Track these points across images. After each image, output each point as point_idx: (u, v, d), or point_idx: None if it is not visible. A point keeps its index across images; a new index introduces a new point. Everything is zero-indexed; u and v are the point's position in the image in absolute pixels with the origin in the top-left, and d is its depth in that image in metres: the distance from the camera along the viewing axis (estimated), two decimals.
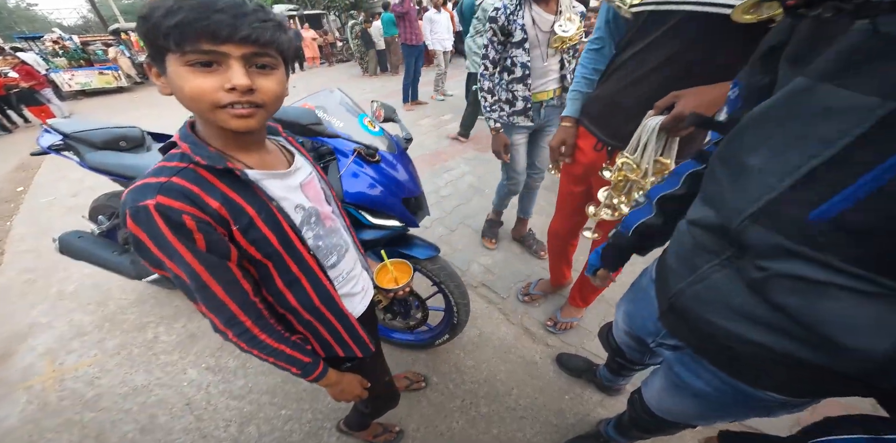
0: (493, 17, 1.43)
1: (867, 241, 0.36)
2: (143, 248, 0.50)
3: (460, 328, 1.42)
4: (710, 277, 0.51)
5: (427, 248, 1.28)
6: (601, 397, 1.37)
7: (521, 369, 1.49)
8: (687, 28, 0.79)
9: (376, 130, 1.22)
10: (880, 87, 0.34)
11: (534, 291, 1.79)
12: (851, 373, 0.41)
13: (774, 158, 0.42)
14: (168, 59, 0.46)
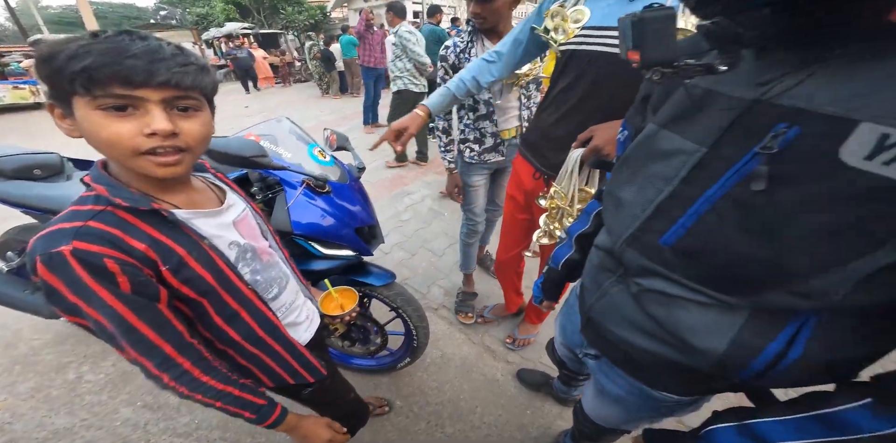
0: (444, 55, 1.41)
1: (697, 261, 0.44)
2: (57, 295, 0.47)
3: (421, 351, 1.44)
4: (610, 293, 0.58)
5: (382, 275, 1.29)
6: (560, 409, 1.43)
7: (484, 386, 1.52)
8: (601, 66, 0.92)
9: (327, 160, 1.24)
10: (696, 135, 0.43)
11: (488, 315, 1.84)
12: (707, 370, 0.48)
13: (638, 193, 0.51)
14: (75, 101, 0.44)
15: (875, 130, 0.30)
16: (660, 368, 0.55)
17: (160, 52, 0.44)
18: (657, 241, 0.47)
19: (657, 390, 0.59)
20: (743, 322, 0.43)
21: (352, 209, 1.21)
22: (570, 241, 0.82)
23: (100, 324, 0.49)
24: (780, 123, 0.36)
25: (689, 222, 0.43)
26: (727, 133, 0.40)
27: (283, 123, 1.28)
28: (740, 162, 0.39)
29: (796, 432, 0.41)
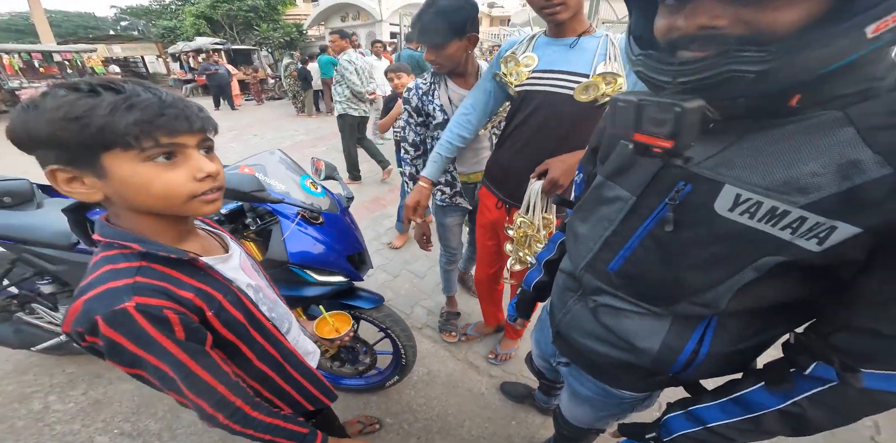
0: (406, 98, 1.41)
1: (633, 282, 0.58)
2: (119, 350, 0.48)
3: (409, 369, 1.50)
4: (573, 309, 0.71)
5: (371, 298, 1.37)
6: (543, 418, 1.52)
7: (470, 401, 1.60)
8: (550, 104, 1.07)
9: (318, 191, 1.32)
10: (630, 186, 0.57)
11: (471, 332, 1.92)
12: (648, 366, 0.61)
13: (590, 230, 0.64)
14: (110, 158, 0.44)
15: (732, 191, 0.44)
16: (616, 369, 0.68)
17: (181, 101, 0.48)
18: (605, 267, 0.60)
19: (617, 388, 0.72)
20: (668, 327, 0.56)
21: (343, 237, 1.29)
22: (539, 266, 0.96)
23: (161, 371, 0.51)
24: (680, 181, 0.49)
25: (626, 253, 0.57)
26: (649, 186, 0.54)
27: (276, 154, 1.35)
28: (657, 209, 0.52)
29: (722, 412, 0.55)
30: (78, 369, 1.73)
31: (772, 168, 0.42)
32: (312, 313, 1.34)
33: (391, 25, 13.62)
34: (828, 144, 0.39)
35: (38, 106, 0.42)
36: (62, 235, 1.33)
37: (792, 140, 0.41)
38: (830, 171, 0.38)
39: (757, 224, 0.43)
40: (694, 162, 0.48)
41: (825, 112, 0.40)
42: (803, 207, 0.39)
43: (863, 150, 0.37)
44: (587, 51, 1.02)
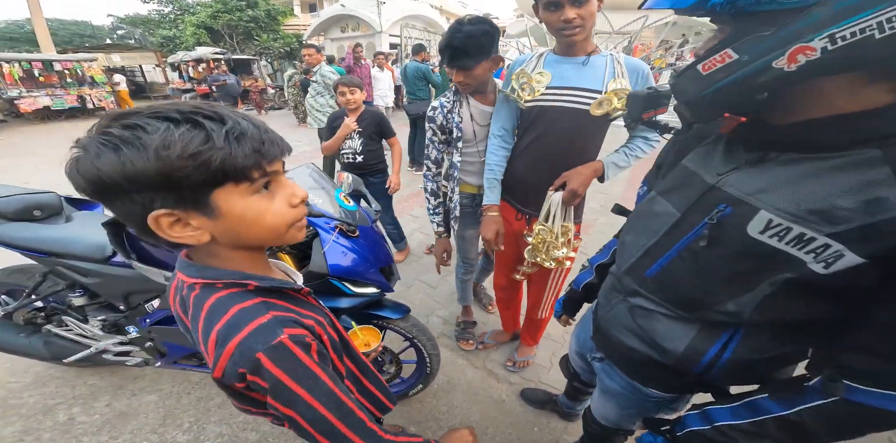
0: (431, 116, 1.43)
1: (666, 288, 0.65)
2: (281, 388, 0.45)
3: (433, 377, 1.55)
4: (616, 307, 0.78)
5: (398, 308, 1.42)
6: (565, 424, 1.56)
7: (492, 408, 1.64)
8: (569, 119, 1.15)
9: (351, 205, 1.38)
10: (677, 203, 0.64)
11: (488, 341, 1.96)
12: (672, 365, 0.67)
13: (636, 238, 0.72)
14: (221, 195, 0.42)
15: (766, 216, 0.50)
16: (644, 365, 0.74)
17: (264, 125, 0.45)
18: (644, 273, 0.68)
19: (645, 385, 0.78)
20: (696, 332, 0.63)
21: (376, 250, 1.34)
22: (591, 269, 1.03)
23: (313, 411, 0.47)
24: (721, 203, 0.55)
25: (664, 262, 0.64)
26: (694, 205, 0.61)
27: (310, 168, 1.41)
28: (698, 226, 0.59)
29: (732, 414, 0.62)
30: (100, 380, 1.75)
31: (805, 199, 0.46)
32: (344, 325, 1.38)
33: (391, 37, 13.84)
34: (861, 181, 0.43)
35: (133, 143, 0.37)
36: (97, 248, 1.37)
37: (826, 175, 0.46)
38: (859, 205, 0.42)
39: (784, 247, 0.48)
40: (735, 186, 0.55)
41: (865, 151, 0.43)
42: (829, 236, 0.44)
43: (893, 189, 0.41)
44: (598, 68, 1.12)
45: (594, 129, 1.18)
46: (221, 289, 0.48)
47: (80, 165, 0.38)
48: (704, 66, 0.47)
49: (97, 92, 9.66)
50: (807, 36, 0.39)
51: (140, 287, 1.35)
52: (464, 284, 1.96)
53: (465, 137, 1.43)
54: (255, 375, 0.45)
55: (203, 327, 0.47)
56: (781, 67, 0.41)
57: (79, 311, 1.54)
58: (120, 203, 0.41)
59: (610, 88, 1.10)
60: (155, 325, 1.38)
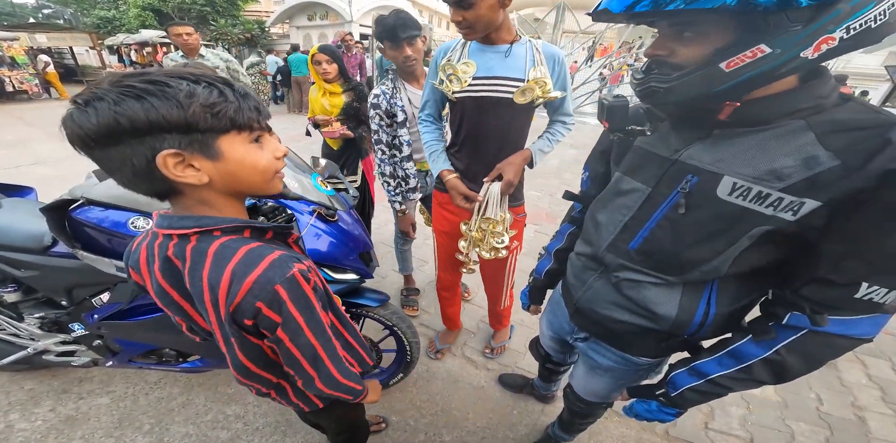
0: (375, 103, 1.51)
1: (651, 257, 0.69)
2: (291, 320, 0.54)
3: (413, 365, 1.53)
4: (594, 286, 0.81)
5: (376, 297, 1.38)
6: (542, 406, 1.61)
7: (471, 394, 1.65)
8: (496, 108, 1.18)
9: (329, 190, 1.32)
10: (644, 179, 0.69)
11: (441, 347, 1.86)
12: (667, 330, 0.72)
13: (610, 217, 0.75)
14: (225, 141, 0.49)
15: (730, 180, 0.57)
16: (635, 336, 0.78)
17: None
18: (626, 246, 0.71)
19: (635, 355, 0.82)
20: (681, 294, 0.68)
21: (355, 234, 1.30)
22: (549, 256, 1.06)
23: (306, 337, 0.57)
24: (688, 174, 0.62)
25: (645, 233, 0.69)
26: (662, 179, 0.66)
27: (289, 154, 1.33)
28: (671, 196, 0.64)
29: (719, 365, 0.67)
30: (39, 385, 1.57)
31: (758, 163, 0.55)
32: None
33: (361, 27, 13.43)
34: (796, 145, 0.53)
35: (157, 94, 0.44)
36: (32, 238, 1.22)
37: (770, 142, 0.55)
38: (798, 164, 0.52)
39: (748, 204, 0.56)
40: (696, 159, 0.61)
41: (791, 122, 0.54)
42: (781, 190, 0.53)
43: (819, 148, 0.51)
44: (519, 58, 1.15)
45: (521, 116, 1.22)
46: (221, 236, 0.53)
47: (95, 112, 0.43)
48: (729, 64, 0.50)
49: (18, 74, 8.74)
50: (830, 28, 0.45)
51: (86, 280, 1.21)
52: (403, 254, 2.11)
53: (408, 118, 1.55)
54: (270, 308, 0.51)
55: (211, 271, 0.51)
56: (807, 56, 0.47)
57: (11, 308, 1.37)
58: (124, 147, 0.45)
59: (531, 77, 1.13)
60: (105, 319, 1.25)
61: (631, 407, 0.83)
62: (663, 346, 0.77)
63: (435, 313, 2.06)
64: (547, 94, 1.16)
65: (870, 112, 0.52)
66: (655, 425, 1.54)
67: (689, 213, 0.62)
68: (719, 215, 0.59)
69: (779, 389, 1.75)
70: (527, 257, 1.77)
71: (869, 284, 0.51)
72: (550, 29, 8.90)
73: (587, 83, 8.47)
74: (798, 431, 1.58)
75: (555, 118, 1.33)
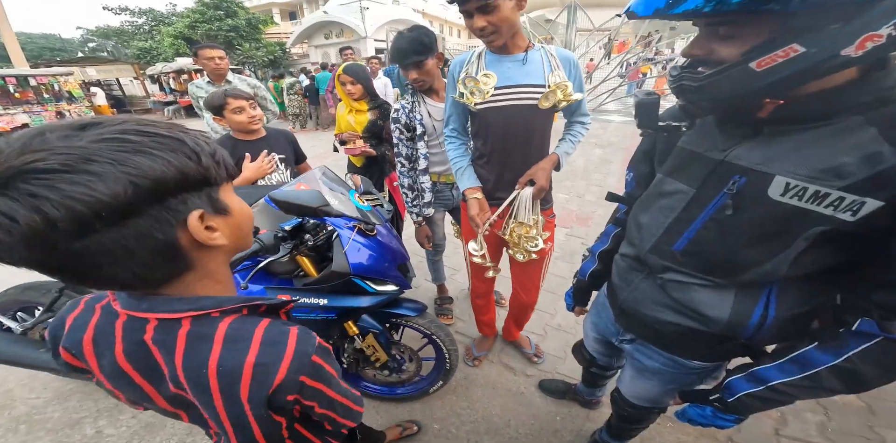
0: (395, 117, 1.55)
1: (697, 259, 0.68)
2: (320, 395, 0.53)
3: (452, 373, 1.56)
4: (639, 287, 0.80)
5: (415, 306, 1.43)
6: (586, 411, 1.59)
7: (512, 401, 1.66)
8: (522, 115, 1.20)
9: (366, 205, 1.39)
10: (688, 180, 0.68)
11: (479, 354, 1.86)
12: (719, 333, 0.70)
13: (653, 218, 0.75)
14: (223, 192, 0.46)
15: (782, 180, 0.55)
16: (684, 338, 0.76)
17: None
18: (670, 248, 0.71)
19: (687, 358, 0.80)
20: (734, 296, 0.67)
21: (393, 248, 1.35)
22: (594, 257, 1.06)
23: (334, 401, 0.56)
24: (734, 175, 0.60)
25: (690, 235, 0.68)
26: (707, 180, 0.65)
27: (322, 171, 1.42)
28: (717, 197, 0.63)
29: (781, 372, 0.64)
30: None
31: (813, 161, 0.53)
32: (364, 326, 1.39)
33: (376, 41, 13.81)
34: (857, 141, 0.51)
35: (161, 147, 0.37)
36: None
37: (826, 139, 0.53)
38: (859, 161, 0.50)
39: (805, 204, 0.54)
40: (744, 159, 0.60)
41: (850, 117, 0.52)
42: (841, 189, 0.51)
43: (883, 144, 0.49)
44: (536, 64, 1.18)
45: (544, 121, 1.25)
46: (221, 317, 0.47)
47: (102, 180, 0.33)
48: (760, 64, 0.49)
49: (76, 107, 9.38)
50: (874, 25, 0.43)
51: None
52: (434, 264, 2.15)
53: (427, 131, 1.57)
54: (314, 379, 0.49)
55: (223, 358, 0.44)
56: (849, 54, 0.45)
57: None
58: (145, 220, 0.37)
59: (551, 82, 1.16)
60: None
61: (684, 412, 0.81)
62: (718, 349, 0.75)
63: (469, 321, 2.08)
64: (569, 97, 1.18)
65: None
66: (717, 431, 1.48)
67: (738, 214, 0.60)
68: (772, 216, 0.57)
69: (862, 394, 1.59)
70: (559, 261, 1.75)
71: None
72: (563, 29, 8.79)
73: (607, 81, 8.29)
74: (891, 439, 1.44)
75: (573, 120, 1.36)
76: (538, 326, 2.08)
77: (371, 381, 1.67)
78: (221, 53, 2.42)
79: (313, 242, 1.25)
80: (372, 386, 1.66)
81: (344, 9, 14.48)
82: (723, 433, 1.48)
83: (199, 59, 2.39)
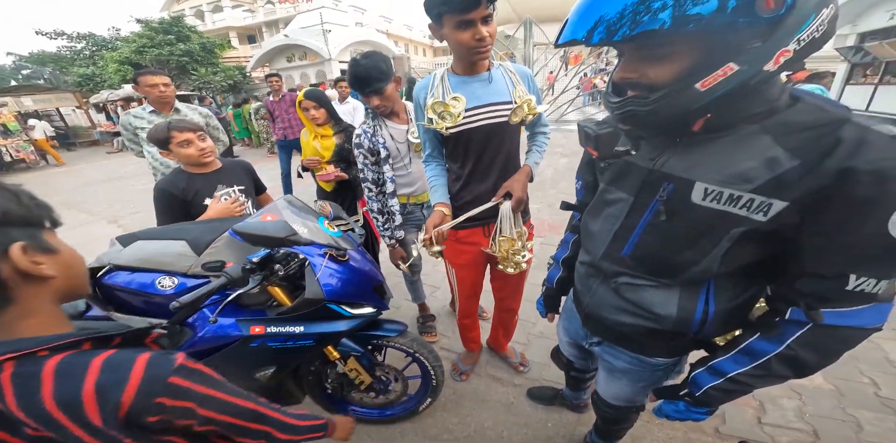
0: (358, 142, 1.55)
1: (644, 262, 0.73)
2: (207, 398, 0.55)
3: (440, 389, 1.55)
4: (598, 292, 0.84)
5: (395, 327, 1.42)
6: (576, 415, 1.61)
7: (503, 412, 1.66)
8: (496, 132, 1.24)
9: (336, 231, 1.38)
10: (627, 189, 0.73)
11: (466, 369, 1.86)
12: (671, 329, 0.74)
13: (601, 226, 0.80)
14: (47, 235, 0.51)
15: (701, 186, 0.60)
16: (643, 337, 0.81)
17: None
18: (619, 254, 0.76)
19: (649, 356, 0.85)
20: (679, 294, 0.70)
21: (367, 271, 1.35)
22: (558, 264, 1.11)
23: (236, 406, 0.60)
24: (664, 181, 0.65)
25: (635, 240, 0.73)
26: (642, 188, 0.70)
27: (288, 199, 1.40)
28: (652, 204, 0.68)
29: (735, 363, 0.69)
30: None
31: (724, 168, 0.58)
32: (345, 349, 1.36)
33: (341, 63, 13.82)
34: (756, 148, 0.56)
35: None
36: (67, 305, 1.26)
37: (732, 147, 0.58)
38: (762, 165, 0.55)
39: (723, 207, 0.59)
40: (670, 167, 0.65)
41: (747, 126, 0.57)
42: (751, 191, 0.55)
43: (777, 150, 0.54)
44: (500, 81, 1.22)
45: (515, 136, 1.31)
46: (51, 355, 0.47)
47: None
48: (704, 83, 0.52)
49: (13, 141, 8.62)
50: (785, 41, 0.48)
51: None
52: (413, 284, 2.13)
53: (391, 154, 1.58)
54: (176, 398, 0.50)
55: (58, 392, 0.45)
56: (769, 69, 0.50)
57: None
58: None
59: (517, 97, 1.21)
60: None
61: (660, 408, 0.85)
62: (673, 345, 0.80)
63: (454, 337, 2.09)
64: (534, 110, 1.23)
65: (818, 111, 0.54)
66: (703, 424, 1.53)
67: (671, 219, 0.65)
68: (698, 219, 0.62)
69: (828, 376, 1.71)
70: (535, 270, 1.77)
71: (857, 275, 0.53)
72: (521, 44, 9.23)
73: (566, 92, 8.72)
74: (864, 419, 1.53)
75: (536, 131, 1.42)
76: (521, 334, 2.10)
77: (359, 404, 1.62)
78: (166, 80, 2.19)
79: (284, 271, 1.23)
80: (360, 409, 1.62)
81: (306, 31, 14.40)
82: (709, 426, 1.53)
83: (140, 86, 2.16)
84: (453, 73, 1.23)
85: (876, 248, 0.51)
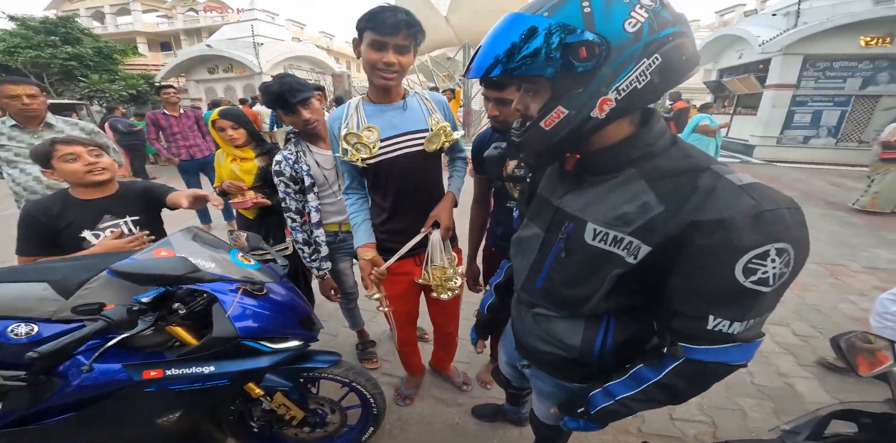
0: (278, 170, 1.44)
1: (551, 295, 0.75)
2: None
3: (382, 416, 1.46)
4: (525, 319, 0.86)
5: (327, 357, 1.33)
6: (518, 429, 1.62)
7: (449, 433, 1.62)
8: (413, 162, 1.21)
9: (252, 264, 1.24)
10: (540, 224, 0.76)
11: (408, 393, 1.81)
12: (577, 358, 0.76)
13: (521, 261, 0.82)
14: None
15: (591, 226, 0.62)
16: (559, 364, 0.82)
17: None
18: (533, 286, 0.78)
19: (566, 381, 0.86)
20: (583, 326, 0.73)
21: (290, 303, 1.23)
22: (492, 290, 1.11)
23: None
24: (567, 220, 0.68)
25: (544, 274, 0.75)
26: (550, 225, 0.72)
27: (191, 231, 1.22)
28: (557, 241, 0.70)
29: (624, 387, 0.70)
30: None
31: (609, 209, 0.61)
32: (270, 385, 1.22)
33: (264, 75, 13.07)
34: (633, 192, 0.58)
35: None
36: None
37: (617, 190, 0.61)
38: (637, 209, 0.57)
39: (609, 247, 0.61)
40: (570, 206, 0.67)
41: (628, 170, 0.60)
42: (630, 234, 0.58)
43: (650, 194, 0.56)
44: (416, 109, 1.22)
45: (435, 163, 1.29)
46: None
47: None
48: (546, 123, 0.55)
49: None
50: (603, 90, 0.50)
51: None
52: (350, 312, 2.04)
53: (317, 181, 1.51)
54: None
55: None
56: (596, 116, 0.52)
57: None
58: None
59: (432, 125, 1.20)
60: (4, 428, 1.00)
61: (565, 422, 0.86)
62: (584, 372, 0.81)
63: (395, 361, 2.00)
64: (450, 136, 1.24)
65: (684, 158, 0.57)
66: (628, 425, 1.63)
67: (569, 256, 0.68)
68: (589, 258, 0.64)
69: None
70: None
71: (713, 316, 0.54)
72: (461, 67, 9.53)
73: None
74: (747, 406, 1.73)
75: (454, 156, 1.41)
76: (462, 354, 2.06)
77: (295, 440, 1.47)
78: (31, 90, 1.83)
79: (187, 309, 1.08)
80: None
81: (231, 43, 13.42)
82: (633, 426, 1.64)
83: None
84: (369, 102, 1.20)
85: (726, 292, 0.53)
